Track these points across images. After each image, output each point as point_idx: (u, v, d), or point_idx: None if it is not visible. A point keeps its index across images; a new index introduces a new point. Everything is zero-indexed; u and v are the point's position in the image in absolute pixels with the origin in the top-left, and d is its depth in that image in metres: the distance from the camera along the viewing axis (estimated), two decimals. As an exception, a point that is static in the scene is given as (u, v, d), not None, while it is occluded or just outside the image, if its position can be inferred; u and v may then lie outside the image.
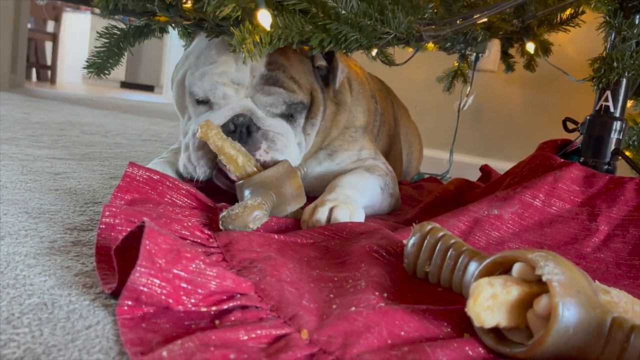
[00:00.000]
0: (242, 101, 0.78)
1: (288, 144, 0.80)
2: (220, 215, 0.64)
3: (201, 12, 0.65)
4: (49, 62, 5.38)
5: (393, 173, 0.98)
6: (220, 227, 0.64)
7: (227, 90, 0.77)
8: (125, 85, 6.84)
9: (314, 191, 0.91)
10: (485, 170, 1.30)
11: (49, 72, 5.37)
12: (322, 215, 0.72)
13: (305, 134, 0.85)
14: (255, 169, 0.72)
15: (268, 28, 0.67)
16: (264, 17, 0.67)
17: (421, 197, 1.15)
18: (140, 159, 1.33)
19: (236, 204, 0.66)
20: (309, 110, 0.84)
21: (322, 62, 0.87)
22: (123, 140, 1.63)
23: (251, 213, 0.64)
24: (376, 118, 1.06)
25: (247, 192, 0.68)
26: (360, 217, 0.75)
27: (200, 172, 0.77)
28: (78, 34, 6.55)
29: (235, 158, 0.71)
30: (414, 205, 1.04)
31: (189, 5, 0.71)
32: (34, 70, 5.45)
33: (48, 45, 5.38)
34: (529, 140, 1.71)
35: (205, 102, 0.80)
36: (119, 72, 6.64)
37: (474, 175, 1.36)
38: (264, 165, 0.76)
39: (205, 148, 0.76)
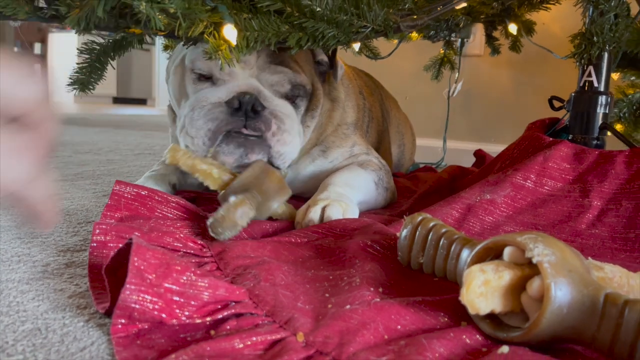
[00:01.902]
0: (247, 79, 0.78)
1: (293, 125, 0.80)
2: (208, 223, 0.63)
3: (173, 30, 0.65)
4: (38, 85, 5.37)
5: (387, 167, 0.98)
6: (211, 234, 0.63)
7: (234, 66, 0.77)
8: (117, 100, 6.83)
9: (308, 191, 0.90)
10: (479, 154, 1.30)
11: (40, 94, 5.36)
12: (314, 214, 0.72)
13: (305, 126, 0.85)
14: (231, 175, 0.72)
15: (234, 43, 0.67)
16: (229, 32, 0.67)
17: (416, 188, 1.14)
18: (134, 173, 1.33)
19: (219, 208, 0.65)
20: (309, 101, 0.84)
21: (323, 57, 0.87)
22: (116, 157, 1.63)
23: (236, 211, 0.63)
24: (365, 114, 1.06)
25: (232, 199, 0.68)
26: (353, 214, 0.75)
27: (201, 141, 0.75)
28: (66, 53, 6.53)
29: (210, 171, 0.70)
30: (410, 196, 1.04)
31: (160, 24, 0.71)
32: (24, 94, 5.43)
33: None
34: (520, 121, 1.70)
35: (207, 79, 0.79)
36: (111, 87, 6.62)
37: (469, 161, 1.36)
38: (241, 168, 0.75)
39: (206, 117, 0.75)
